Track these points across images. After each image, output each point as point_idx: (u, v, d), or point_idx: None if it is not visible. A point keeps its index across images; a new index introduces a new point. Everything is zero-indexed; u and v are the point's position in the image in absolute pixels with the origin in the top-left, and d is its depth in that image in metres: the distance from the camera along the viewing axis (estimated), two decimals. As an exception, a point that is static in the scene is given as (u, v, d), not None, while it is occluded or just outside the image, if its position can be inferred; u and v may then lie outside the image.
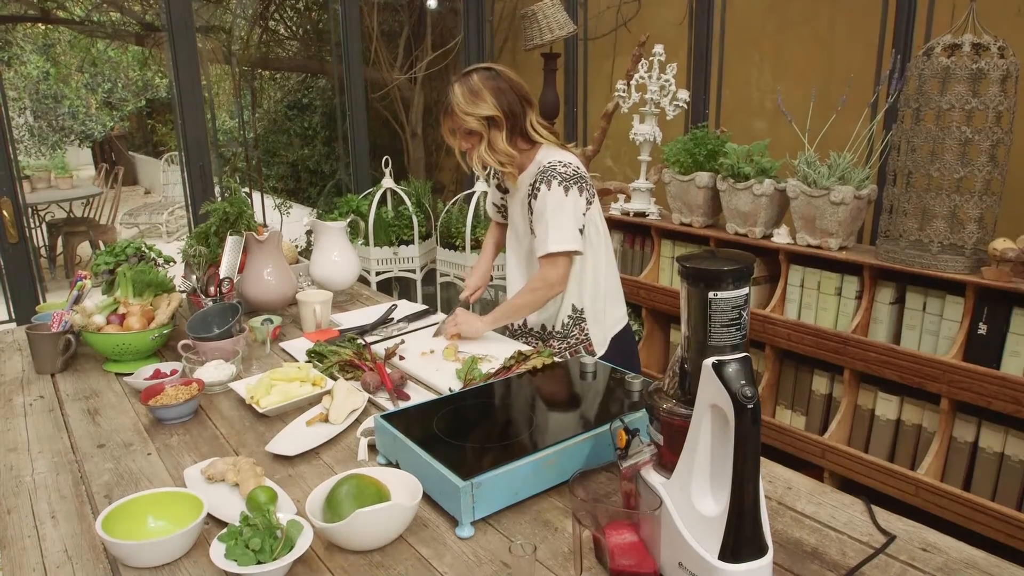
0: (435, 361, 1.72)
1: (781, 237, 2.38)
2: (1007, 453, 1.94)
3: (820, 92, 2.29)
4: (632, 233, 2.98)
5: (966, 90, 1.89)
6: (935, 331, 2.06)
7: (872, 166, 2.27)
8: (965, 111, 1.90)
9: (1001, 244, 1.87)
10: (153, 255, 2.08)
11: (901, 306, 2.16)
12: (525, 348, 1.65)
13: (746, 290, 0.87)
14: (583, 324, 1.92)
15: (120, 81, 10.30)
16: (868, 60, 2.50)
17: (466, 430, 1.24)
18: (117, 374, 1.71)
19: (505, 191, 2.02)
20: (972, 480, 2.02)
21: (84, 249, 6.35)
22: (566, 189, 1.77)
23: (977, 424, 1.99)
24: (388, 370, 1.60)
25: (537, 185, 1.78)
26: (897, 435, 2.19)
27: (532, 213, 1.82)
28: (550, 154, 1.83)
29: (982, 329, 1.94)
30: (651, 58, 2.71)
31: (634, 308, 2.97)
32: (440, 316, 2.09)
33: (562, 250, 1.77)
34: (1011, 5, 2.18)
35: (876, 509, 1.14)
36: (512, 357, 1.58)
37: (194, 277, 2.03)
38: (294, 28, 5.65)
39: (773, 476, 1.26)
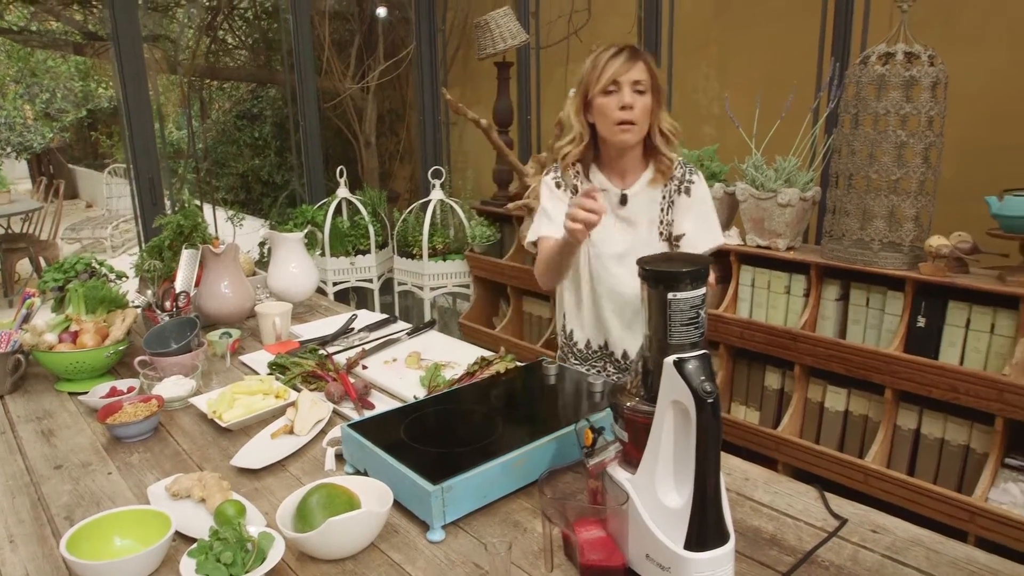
0: (398, 369, 1.73)
1: (732, 239, 2.45)
2: (947, 438, 2.04)
3: (765, 98, 2.38)
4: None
5: (900, 96, 1.99)
6: (878, 325, 2.16)
7: (816, 169, 2.36)
8: (900, 116, 2.00)
9: (936, 241, 1.97)
10: (105, 270, 2.04)
11: (846, 302, 2.25)
12: (487, 354, 1.67)
13: (703, 290, 0.91)
14: None
15: (60, 91, 9.98)
16: (809, 68, 2.60)
17: (433, 436, 1.25)
18: (71, 393, 1.67)
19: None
20: (916, 465, 2.11)
21: (24, 267, 6.12)
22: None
23: (919, 412, 2.09)
24: (351, 380, 1.61)
25: (688, 179, 1.64)
26: (846, 426, 2.28)
27: (674, 206, 1.64)
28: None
29: (921, 322, 2.04)
30: (602, 66, 2.76)
31: (592, 311, 3.01)
32: (401, 324, 2.09)
33: (722, 242, 1.68)
34: (939, 16, 2.31)
35: (828, 495, 1.20)
36: (475, 363, 1.60)
37: (149, 292, 2.00)
38: (243, 37, 5.57)
39: (731, 468, 1.31)
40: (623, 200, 1.65)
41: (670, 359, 0.88)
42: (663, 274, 0.90)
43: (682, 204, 1.63)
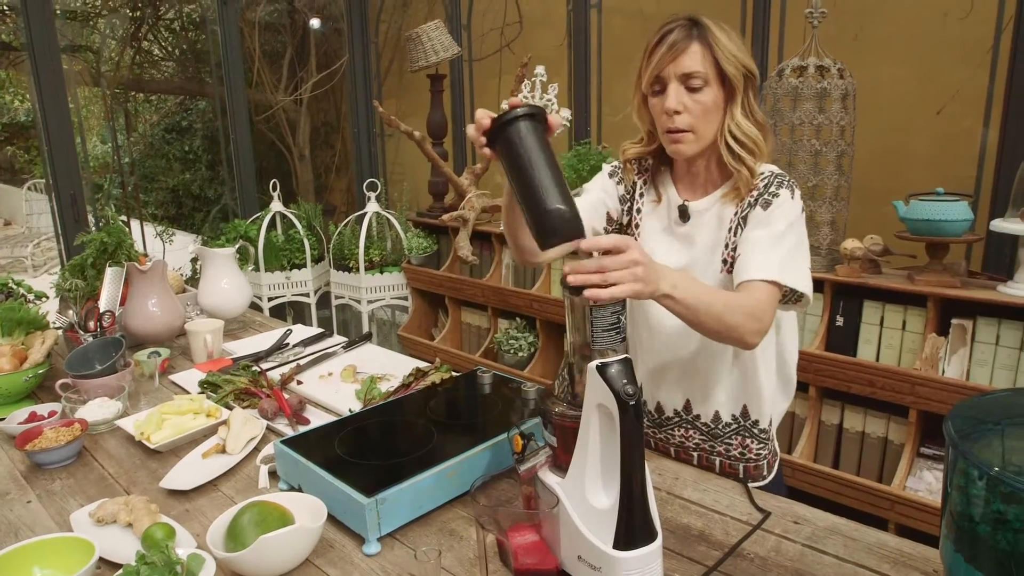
0: (333, 383, 1.72)
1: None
2: (867, 431, 2.14)
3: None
4: (525, 247, 3.07)
5: (813, 107, 2.10)
6: (801, 325, 2.25)
7: (739, 177, 2.45)
8: (814, 126, 2.11)
9: (850, 244, 2.08)
10: (23, 291, 1.96)
11: (771, 304, 2.35)
12: (423, 365, 1.67)
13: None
14: (771, 439, 1.40)
15: (-29, 105, 9.49)
16: (730, 79, 2.71)
17: (368, 449, 1.25)
18: (-14, 420, 1.60)
19: (650, 197, 1.38)
20: (840, 458, 2.21)
21: (-65, 288, 5.79)
22: (804, 212, 1.25)
23: (841, 407, 2.19)
24: (286, 395, 1.59)
25: (771, 191, 1.23)
26: (775, 424, 2.37)
27: (744, 226, 1.25)
28: (763, 167, 1.28)
29: (839, 321, 2.14)
30: (533, 79, 2.82)
31: (528, 320, 3.05)
32: (337, 338, 2.07)
33: (800, 289, 1.20)
34: (849, 31, 2.44)
35: (753, 490, 1.25)
36: (411, 374, 1.60)
37: (71, 312, 1.93)
38: (170, 49, 5.43)
39: (663, 469, 1.35)
40: (683, 214, 1.31)
41: (593, 364, 0.90)
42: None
43: (752, 219, 1.23)
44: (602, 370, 0.90)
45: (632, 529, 0.92)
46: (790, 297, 1.23)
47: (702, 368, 1.33)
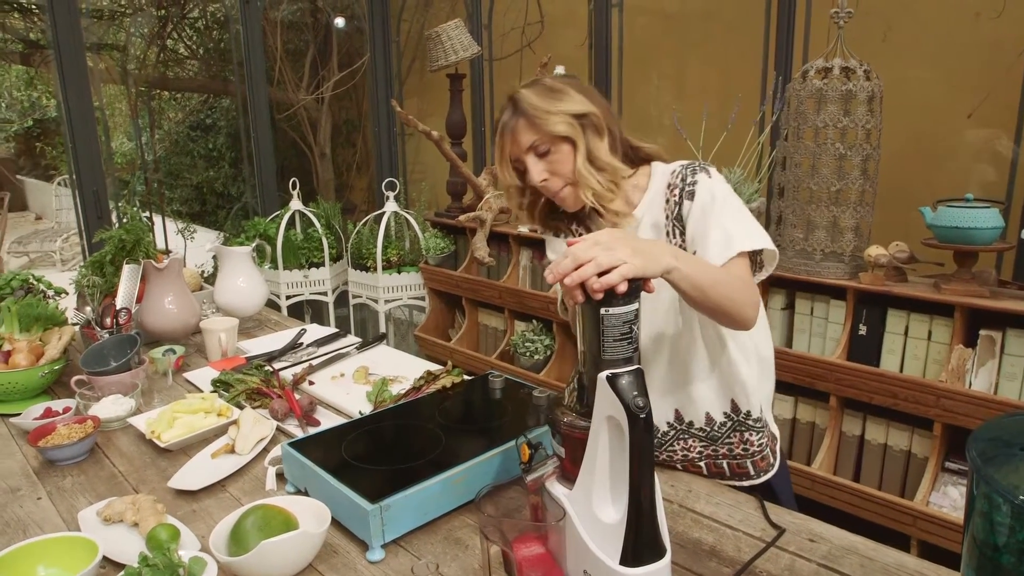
0: (345, 384, 1.71)
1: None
2: (889, 444, 2.09)
3: (712, 110, 2.42)
4: (540, 250, 3.05)
5: (838, 110, 2.05)
6: (822, 333, 2.20)
7: (761, 180, 2.41)
8: (838, 129, 2.06)
9: (874, 251, 2.03)
10: (42, 287, 1.98)
11: (791, 311, 2.30)
12: (434, 367, 1.66)
13: (635, 305, 0.92)
14: (766, 428, 1.39)
15: (3, 101, 9.69)
16: (754, 80, 2.66)
17: (375, 453, 1.24)
18: (2, 415, 1.61)
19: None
20: (861, 471, 2.16)
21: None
22: (727, 182, 1.26)
23: (863, 419, 2.14)
24: (297, 396, 1.58)
25: (689, 181, 1.24)
26: (793, 433, 2.32)
27: (685, 223, 1.25)
28: (673, 165, 1.30)
29: (862, 330, 2.09)
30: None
31: (545, 323, 3.03)
32: (351, 339, 2.06)
33: (762, 246, 1.20)
34: (877, 32, 2.38)
35: (768, 504, 1.21)
36: (422, 377, 1.59)
37: (88, 309, 1.94)
38: (194, 47, 5.49)
39: (675, 480, 1.32)
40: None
41: (603, 375, 0.88)
42: (596, 290, 0.90)
43: (686, 215, 1.25)
44: (612, 381, 0.87)
45: (640, 545, 0.89)
46: (754, 262, 1.26)
47: (680, 376, 1.34)
